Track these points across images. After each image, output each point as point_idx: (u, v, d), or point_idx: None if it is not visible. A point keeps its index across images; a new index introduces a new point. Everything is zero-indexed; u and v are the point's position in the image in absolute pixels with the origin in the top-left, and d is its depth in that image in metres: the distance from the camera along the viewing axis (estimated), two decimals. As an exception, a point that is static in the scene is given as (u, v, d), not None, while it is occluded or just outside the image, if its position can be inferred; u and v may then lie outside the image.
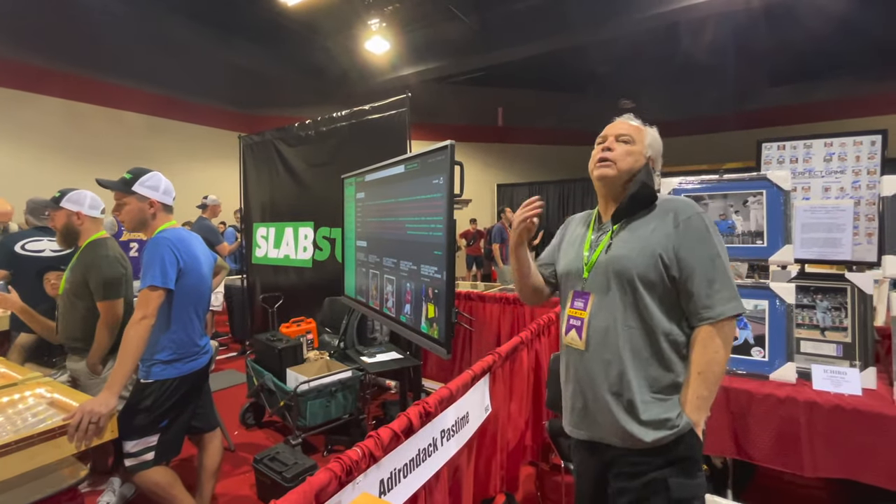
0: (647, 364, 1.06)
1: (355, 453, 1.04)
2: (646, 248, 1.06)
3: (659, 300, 1.06)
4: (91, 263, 1.89)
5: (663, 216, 1.08)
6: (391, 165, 2.11)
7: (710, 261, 1.03)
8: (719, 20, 5.37)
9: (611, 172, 1.12)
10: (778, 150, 2.01)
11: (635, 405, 1.04)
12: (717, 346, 1.02)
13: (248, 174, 4.49)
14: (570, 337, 1.16)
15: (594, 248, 1.17)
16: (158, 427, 1.67)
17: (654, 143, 1.17)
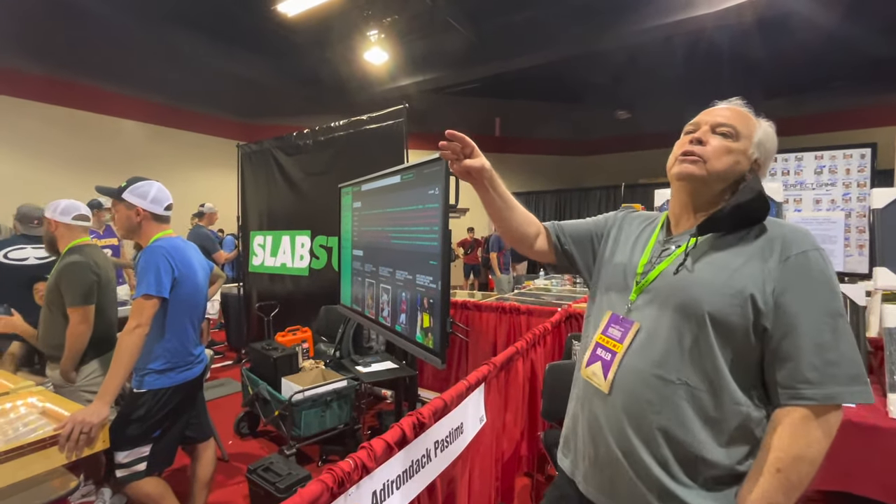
0: (696, 438, 0.78)
1: (347, 465, 1.03)
2: (733, 281, 0.78)
3: (734, 355, 0.78)
4: (62, 270, 1.87)
5: (766, 245, 0.79)
6: (387, 175, 2.12)
7: (827, 317, 0.74)
8: (713, 33, 5.45)
9: (697, 171, 0.84)
10: (771, 163, 2.03)
11: (668, 489, 0.79)
12: (815, 438, 0.72)
13: (245, 183, 4.50)
14: (591, 370, 0.91)
15: (654, 263, 0.90)
16: (151, 437, 1.66)
17: (765, 140, 0.88)
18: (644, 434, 0.81)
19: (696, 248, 0.84)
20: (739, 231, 0.82)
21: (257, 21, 6.09)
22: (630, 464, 0.82)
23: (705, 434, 0.78)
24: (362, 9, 5.97)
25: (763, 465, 0.75)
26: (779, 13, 4.97)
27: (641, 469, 0.81)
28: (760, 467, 0.75)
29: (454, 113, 9.84)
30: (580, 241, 1.07)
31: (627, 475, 0.83)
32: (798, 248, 0.77)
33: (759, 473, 0.75)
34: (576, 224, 1.11)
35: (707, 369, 0.78)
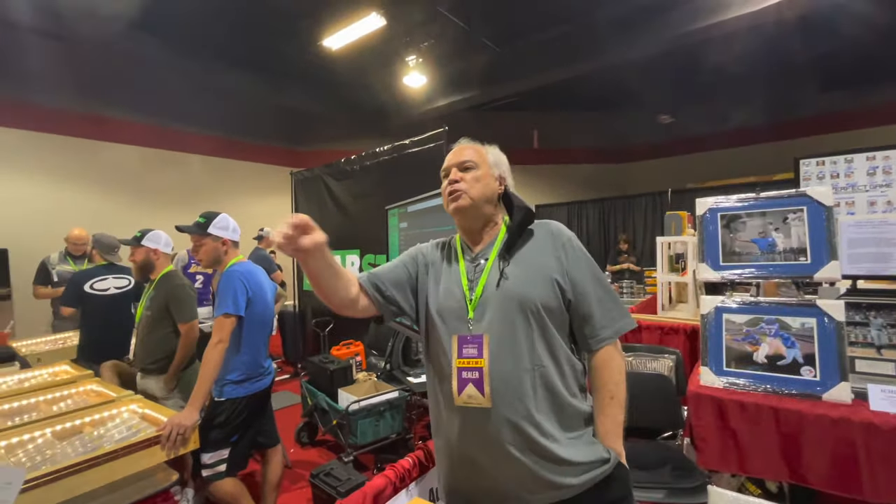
0: (559, 402, 0.95)
1: (407, 462, 1.15)
2: (542, 274, 0.99)
3: (558, 327, 0.98)
4: (170, 292, 2.15)
5: (545, 240, 1.04)
6: (431, 197, 2.27)
7: (597, 280, 1.01)
8: (753, 32, 5.29)
9: (465, 203, 1.04)
10: (817, 167, 1.99)
11: (554, 451, 0.92)
12: (620, 365, 0.99)
13: (299, 207, 4.83)
14: (465, 395, 0.95)
15: (474, 282, 1.02)
16: (230, 441, 1.86)
17: (499, 161, 1.12)
18: (530, 422, 0.93)
19: (500, 262, 1.02)
20: (521, 237, 1.05)
21: (304, 55, 6.56)
22: (530, 455, 0.92)
23: (564, 395, 0.96)
24: (401, 36, 6.28)
25: (602, 400, 0.99)
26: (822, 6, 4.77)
27: (540, 452, 0.92)
28: (601, 402, 0.99)
29: (492, 128, 10.00)
30: (400, 283, 1.09)
31: (528, 468, 0.92)
32: (565, 237, 1.04)
33: (602, 407, 0.98)
34: (390, 269, 1.12)
35: (549, 347, 0.97)
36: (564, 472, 0.92)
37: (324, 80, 7.57)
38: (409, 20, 5.92)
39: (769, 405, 1.77)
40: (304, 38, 6.07)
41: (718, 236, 2.08)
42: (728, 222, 2.09)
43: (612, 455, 0.96)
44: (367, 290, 1.05)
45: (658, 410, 2.12)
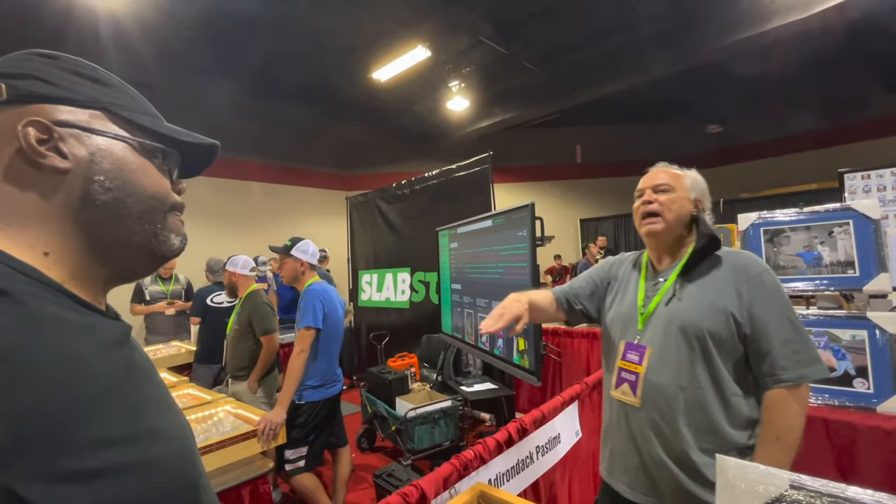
0: (712, 425, 1.00)
1: (469, 454, 1.33)
2: (716, 303, 1.01)
3: (727, 358, 1.01)
4: (253, 309, 2.48)
5: (731, 271, 1.04)
6: (480, 220, 2.47)
7: (786, 320, 0.99)
8: (800, 38, 5.16)
9: (659, 226, 1.09)
10: (862, 180, 2.02)
11: (698, 468, 0.98)
12: (796, 411, 0.96)
13: (354, 229, 5.20)
14: (621, 391, 1.10)
15: (650, 297, 1.12)
16: (308, 440, 2.12)
17: (695, 185, 1.13)
18: (674, 432, 1.01)
19: (677, 284, 1.09)
20: (705, 264, 1.07)
21: (356, 87, 7.07)
22: (670, 459, 1.02)
23: (719, 421, 1.00)
24: (444, 64, 6.63)
25: (766, 437, 0.99)
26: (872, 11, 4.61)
27: (679, 461, 1.01)
28: (764, 439, 0.99)
29: (535, 145, 10.14)
30: (591, 296, 1.26)
31: (667, 469, 1.02)
32: (754, 271, 1.03)
33: (764, 443, 0.99)
34: (582, 283, 1.29)
35: (711, 372, 1.01)
36: (704, 487, 0.98)
37: (374, 109, 8.08)
38: (453, 49, 6.26)
39: (821, 417, 1.79)
40: (355, 72, 6.57)
41: (762, 251, 2.12)
42: (772, 237, 2.14)
43: None
44: (560, 302, 1.26)
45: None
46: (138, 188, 0.47)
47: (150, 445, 0.40)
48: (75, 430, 0.34)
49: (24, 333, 0.34)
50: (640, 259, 1.22)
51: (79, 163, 0.43)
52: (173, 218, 0.52)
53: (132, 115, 0.48)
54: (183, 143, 0.53)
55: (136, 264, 0.50)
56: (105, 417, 0.37)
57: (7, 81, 0.42)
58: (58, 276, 0.41)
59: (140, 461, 0.38)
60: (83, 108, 0.45)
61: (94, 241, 0.45)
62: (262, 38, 5.42)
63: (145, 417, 0.41)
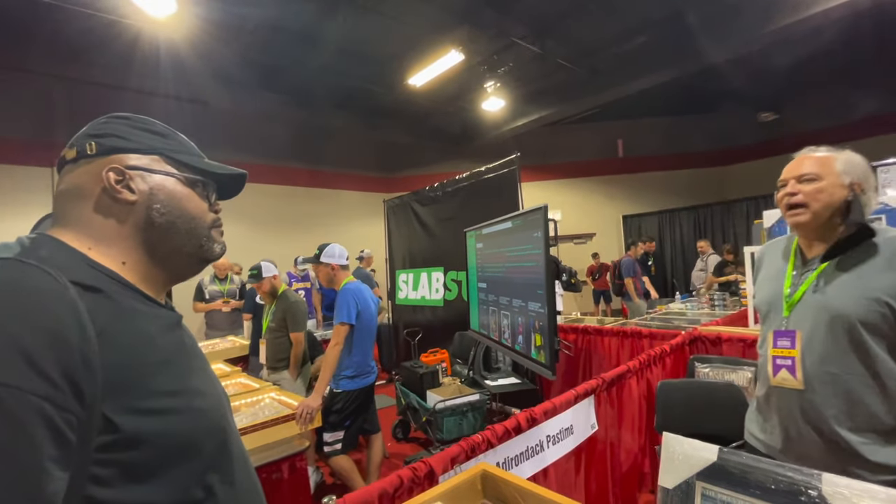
0: (868, 411, 1.00)
1: (477, 437, 1.46)
2: (868, 292, 0.99)
3: (885, 343, 0.99)
4: (287, 308, 2.74)
5: (887, 259, 1.00)
6: (501, 222, 2.59)
7: None
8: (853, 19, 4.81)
9: (804, 219, 1.06)
10: None
11: (854, 448, 1.00)
12: None
13: (391, 230, 5.44)
14: (780, 377, 1.11)
15: (797, 285, 1.11)
16: (344, 425, 2.33)
17: (849, 167, 1.06)
18: (829, 413, 1.03)
19: (825, 272, 1.07)
20: (857, 251, 1.04)
21: (393, 94, 7.34)
22: (820, 438, 1.04)
23: (876, 407, 0.99)
24: (478, 66, 6.74)
25: None
26: None
27: (830, 441, 1.03)
28: None
29: (574, 141, 10.02)
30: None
31: (817, 446, 1.04)
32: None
33: None
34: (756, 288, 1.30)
35: (864, 360, 1.00)
36: (858, 466, 1.00)
37: (411, 114, 8.34)
38: (486, 51, 6.35)
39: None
40: (392, 79, 6.82)
41: (787, 247, 2.09)
42: (798, 233, 2.10)
43: None
44: None
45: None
46: (185, 211, 0.65)
47: (194, 398, 0.58)
48: (146, 382, 0.53)
49: (113, 317, 0.52)
50: (790, 245, 1.20)
51: (142, 195, 0.61)
52: (215, 231, 0.70)
53: (180, 157, 0.66)
54: (218, 175, 0.70)
55: (186, 268, 0.69)
56: (165, 376, 0.55)
57: (97, 140, 0.61)
58: (132, 279, 0.60)
59: (186, 407, 0.56)
60: (145, 154, 0.63)
61: (154, 252, 0.63)
62: (304, 52, 5.78)
63: (191, 380, 0.59)
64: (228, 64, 5.81)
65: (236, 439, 0.66)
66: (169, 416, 0.53)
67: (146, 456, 0.50)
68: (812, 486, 0.57)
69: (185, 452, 0.54)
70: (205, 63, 5.55)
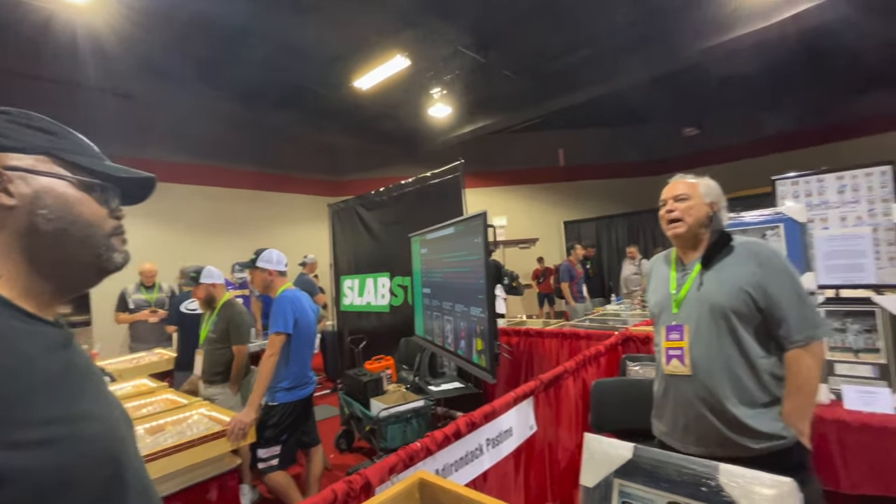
0: (744, 384, 1.22)
1: (416, 446, 1.45)
2: (734, 285, 1.24)
3: (751, 329, 1.23)
4: (231, 319, 2.58)
5: (746, 257, 1.27)
6: (444, 227, 2.60)
7: (794, 293, 1.23)
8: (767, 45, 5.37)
9: (681, 230, 1.33)
10: (792, 186, 2.18)
11: (739, 419, 1.20)
12: (810, 364, 1.20)
13: (336, 235, 5.31)
14: (672, 366, 1.32)
15: (681, 285, 1.35)
16: (280, 440, 2.22)
17: (709, 190, 1.35)
18: (715, 391, 1.24)
19: (702, 273, 1.32)
20: (721, 254, 1.31)
21: (338, 95, 7.19)
22: (712, 415, 1.24)
23: (751, 379, 1.23)
24: (425, 72, 6.77)
25: (790, 389, 1.23)
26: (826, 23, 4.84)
27: (720, 416, 1.23)
28: (789, 390, 1.23)
29: (518, 149, 10.31)
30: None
31: (710, 423, 1.24)
32: (764, 255, 1.27)
33: (789, 394, 1.23)
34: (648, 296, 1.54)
35: (737, 342, 1.24)
36: (744, 436, 1.21)
37: (358, 117, 8.20)
38: (432, 58, 6.40)
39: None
40: (337, 81, 6.68)
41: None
42: (714, 239, 2.29)
43: (791, 433, 1.21)
44: None
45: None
46: (78, 217, 0.58)
47: (80, 424, 0.52)
48: (23, 410, 0.47)
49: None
50: (670, 255, 1.47)
51: (24, 199, 0.54)
52: (116, 239, 0.64)
53: (74, 158, 0.60)
54: (120, 178, 0.64)
55: (81, 279, 0.62)
56: (43, 401, 0.49)
57: None
58: (8, 294, 0.53)
59: (69, 436, 0.50)
60: (29, 153, 0.56)
61: (39, 262, 0.56)
62: (243, 47, 5.52)
63: (79, 404, 0.53)
64: (158, 55, 5.42)
65: (135, 469, 0.59)
66: (44, 449, 0.47)
67: (13, 495, 0.44)
68: (711, 477, 0.61)
69: (65, 488, 0.48)
70: (130, 53, 5.14)
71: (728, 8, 5.03)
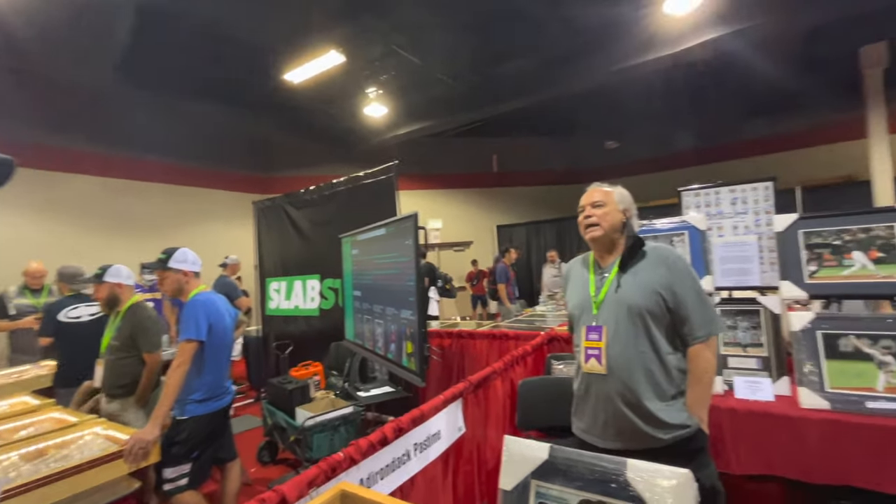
0: (657, 379, 1.31)
1: (339, 456, 1.39)
2: (648, 287, 1.34)
3: (662, 328, 1.34)
4: (137, 324, 2.32)
5: (656, 262, 1.38)
6: (375, 228, 2.55)
7: (696, 294, 1.36)
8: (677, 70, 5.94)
9: (598, 234, 1.42)
10: (695, 197, 2.40)
11: (652, 413, 1.29)
12: (709, 357, 1.34)
13: (261, 235, 5.01)
14: (590, 365, 1.39)
15: (599, 288, 1.43)
16: (191, 457, 2.03)
17: (622, 198, 1.46)
18: (631, 390, 1.33)
19: (619, 276, 1.41)
20: (635, 258, 1.41)
21: (268, 87, 6.82)
22: (629, 410, 1.32)
23: (661, 375, 1.32)
24: (360, 70, 6.63)
25: (691, 380, 1.35)
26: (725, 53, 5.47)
27: (636, 410, 1.31)
28: (690, 382, 1.35)
29: (453, 153, 10.44)
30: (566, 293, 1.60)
31: (628, 418, 1.32)
32: (671, 259, 1.39)
33: (691, 385, 1.35)
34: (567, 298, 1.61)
35: (651, 340, 1.34)
36: (656, 428, 1.30)
37: (289, 111, 7.83)
38: (368, 56, 6.28)
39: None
40: (268, 72, 6.33)
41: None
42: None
43: (694, 422, 1.32)
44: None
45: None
46: None
47: None
48: None
49: None
50: (588, 259, 1.55)
51: None
52: None
53: None
54: None
55: None
56: None
57: None
58: None
59: None
60: None
61: None
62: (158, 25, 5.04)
63: None
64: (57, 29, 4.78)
65: None
66: None
67: None
68: (620, 473, 0.64)
69: None
70: (26, 25, 4.49)
71: (646, 34, 5.47)
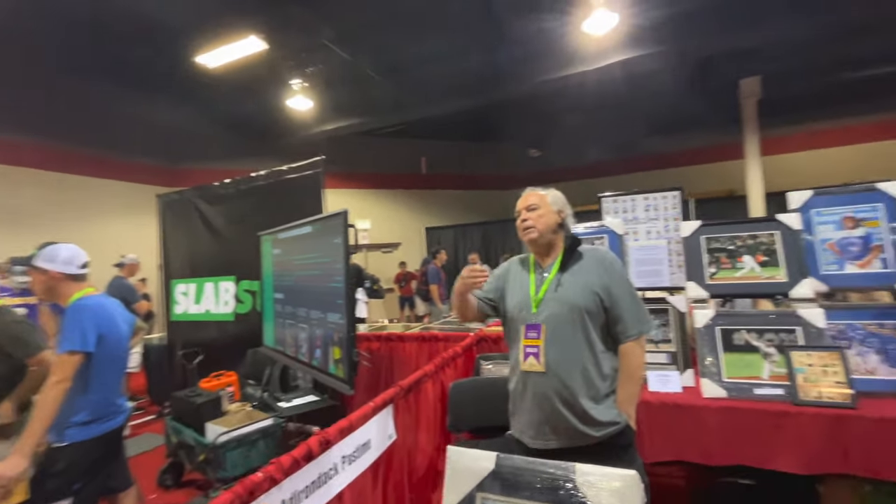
0: (591, 377, 1.35)
1: (257, 477, 1.25)
2: (587, 287, 1.38)
3: (598, 327, 1.37)
4: (2, 330, 1.92)
5: (594, 263, 1.43)
6: (301, 226, 2.39)
7: (630, 294, 1.41)
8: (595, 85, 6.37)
9: (534, 235, 1.45)
10: (613, 203, 2.56)
11: (587, 411, 1.32)
12: (640, 355, 1.39)
13: (167, 232, 4.50)
14: (528, 363, 1.40)
15: (539, 287, 1.45)
16: (71, 490, 1.72)
17: (556, 200, 1.50)
18: (568, 388, 1.34)
19: (558, 276, 1.44)
20: (573, 258, 1.46)
21: (177, 70, 6.18)
22: (566, 409, 1.34)
23: (595, 373, 1.36)
24: (284, 60, 6.26)
25: (623, 377, 1.39)
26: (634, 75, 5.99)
27: (572, 409, 1.34)
28: (622, 378, 1.39)
29: (383, 153, 10.28)
30: (496, 291, 1.57)
31: (564, 417, 1.34)
32: (607, 260, 1.45)
33: (622, 382, 1.39)
34: (490, 283, 1.59)
35: (587, 339, 1.37)
36: (590, 426, 1.33)
37: (201, 97, 7.17)
38: (292, 46, 5.95)
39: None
40: (177, 53, 5.74)
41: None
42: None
43: (623, 418, 1.36)
44: (482, 300, 1.55)
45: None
46: None
47: None
48: None
49: None
50: (528, 259, 1.57)
51: None
52: None
53: None
54: None
55: None
56: None
57: None
58: None
59: None
60: None
61: None
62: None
63: None
64: None
65: None
66: None
67: None
68: (568, 479, 0.62)
69: None
70: None
71: (569, 49, 5.79)
